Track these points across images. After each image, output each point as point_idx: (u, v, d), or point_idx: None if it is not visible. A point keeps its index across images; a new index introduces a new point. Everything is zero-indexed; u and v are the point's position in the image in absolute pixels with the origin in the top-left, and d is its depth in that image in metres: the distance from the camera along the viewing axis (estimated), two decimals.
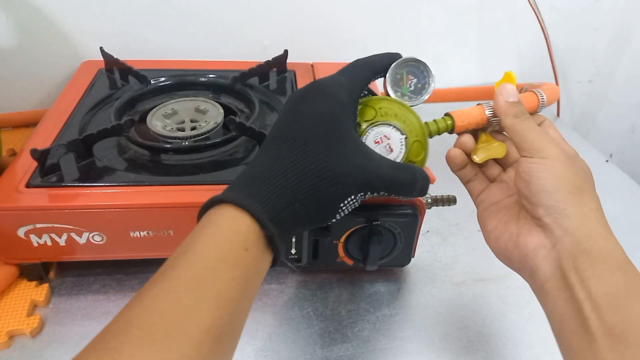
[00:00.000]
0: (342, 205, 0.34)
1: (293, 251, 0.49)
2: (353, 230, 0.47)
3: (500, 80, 0.42)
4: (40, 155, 0.45)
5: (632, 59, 0.96)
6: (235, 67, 0.66)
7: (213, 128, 0.54)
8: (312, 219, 0.34)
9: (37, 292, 0.48)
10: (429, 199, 0.50)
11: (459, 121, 0.40)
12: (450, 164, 0.42)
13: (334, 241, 0.48)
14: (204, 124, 0.55)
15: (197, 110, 0.57)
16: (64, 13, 0.69)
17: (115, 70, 0.66)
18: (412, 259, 0.51)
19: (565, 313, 0.32)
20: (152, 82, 0.63)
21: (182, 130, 0.54)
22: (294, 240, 0.48)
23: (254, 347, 0.46)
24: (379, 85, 0.43)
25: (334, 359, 0.45)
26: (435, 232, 0.60)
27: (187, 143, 0.52)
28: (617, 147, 1.08)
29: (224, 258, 0.29)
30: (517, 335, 0.48)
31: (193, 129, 0.54)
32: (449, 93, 0.87)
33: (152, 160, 0.51)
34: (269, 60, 0.66)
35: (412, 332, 0.48)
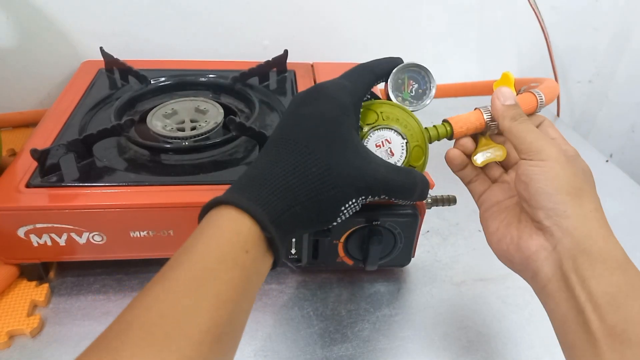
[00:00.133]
0: (343, 208, 0.34)
1: (293, 251, 0.49)
2: (353, 230, 0.47)
3: (498, 80, 0.42)
4: (40, 155, 0.45)
5: (632, 59, 0.96)
6: (235, 67, 0.66)
7: (213, 128, 0.54)
8: (313, 221, 0.34)
9: (37, 292, 0.48)
10: (429, 199, 0.50)
11: (457, 127, 0.40)
12: (450, 164, 0.42)
13: (334, 241, 0.48)
14: (204, 124, 0.55)
15: (197, 110, 0.57)
16: (64, 13, 0.69)
17: (115, 70, 0.66)
18: (412, 259, 0.51)
19: (566, 314, 0.32)
20: (152, 82, 0.63)
21: (182, 130, 0.54)
22: (294, 240, 0.48)
23: (253, 347, 0.46)
24: (376, 92, 0.43)
25: (334, 359, 0.45)
26: (435, 232, 0.60)
27: (187, 143, 0.52)
28: (617, 147, 1.09)
29: (224, 259, 0.29)
30: (517, 335, 0.48)
31: (193, 129, 0.54)
32: (448, 89, 0.87)
33: (152, 160, 0.51)
34: (269, 60, 0.66)
35: (412, 332, 0.48)
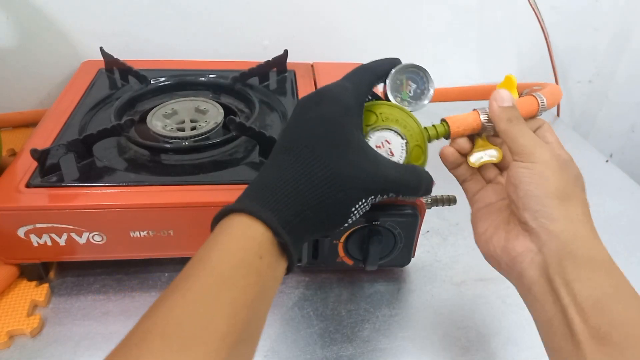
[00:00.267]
0: (353, 209, 0.35)
1: None
2: (353, 230, 0.47)
3: (500, 83, 0.42)
4: (40, 155, 0.45)
5: (632, 59, 0.96)
6: (235, 67, 0.66)
7: (213, 128, 0.54)
8: (324, 224, 0.34)
9: (37, 292, 0.48)
10: (429, 199, 0.50)
11: (454, 127, 0.41)
12: (444, 161, 0.43)
13: (334, 241, 0.48)
14: (204, 124, 0.55)
15: (197, 110, 0.57)
16: (64, 13, 0.69)
17: (115, 70, 0.66)
18: (412, 259, 0.51)
19: (551, 317, 0.33)
20: (152, 82, 0.63)
21: (182, 130, 0.54)
22: None
23: None
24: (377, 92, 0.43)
25: (334, 359, 0.45)
26: (435, 232, 0.60)
27: (187, 143, 0.52)
28: (617, 147, 1.08)
29: (238, 266, 0.29)
30: (517, 335, 0.48)
31: (193, 129, 0.54)
32: (449, 92, 0.87)
33: (152, 160, 0.51)
34: (269, 60, 0.66)
35: (412, 332, 0.48)
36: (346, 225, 0.35)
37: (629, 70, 0.97)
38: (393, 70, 0.41)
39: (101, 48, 0.65)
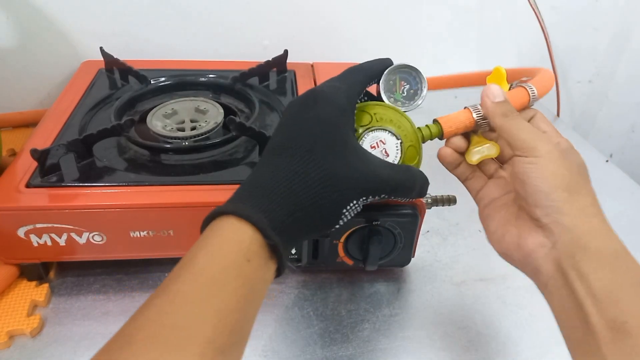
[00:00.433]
0: (345, 210, 0.34)
1: (293, 251, 0.49)
2: (353, 230, 0.47)
3: (490, 75, 0.42)
4: (40, 155, 0.45)
5: (632, 59, 0.96)
6: (235, 67, 0.66)
7: (213, 128, 0.54)
8: (316, 226, 0.34)
9: (37, 292, 0.48)
10: (429, 199, 0.50)
11: (447, 127, 0.41)
12: (443, 162, 0.43)
13: (334, 241, 0.48)
14: (204, 124, 0.55)
15: (197, 110, 0.57)
16: (64, 13, 0.69)
17: (115, 70, 0.66)
18: (412, 259, 0.51)
19: (568, 309, 0.33)
20: (152, 82, 0.63)
21: (182, 130, 0.54)
22: None
23: (253, 347, 0.46)
24: (372, 92, 0.43)
25: (334, 359, 0.45)
26: (435, 232, 0.60)
27: (187, 143, 0.52)
28: (617, 147, 1.09)
29: (225, 270, 0.29)
30: (517, 335, 0.48)
31: (193, 129, 0.54)
32: (447, 80, 0.87)
33: (152, 160, 0.51)
34: (269, 60, 0.66)
35: (412, 332, 0.48)
36: (337, 226, 0.35)
37: (629, 70, 0.97)
38: (386, 71, 0.41)
39: (101, 48, 0.65)
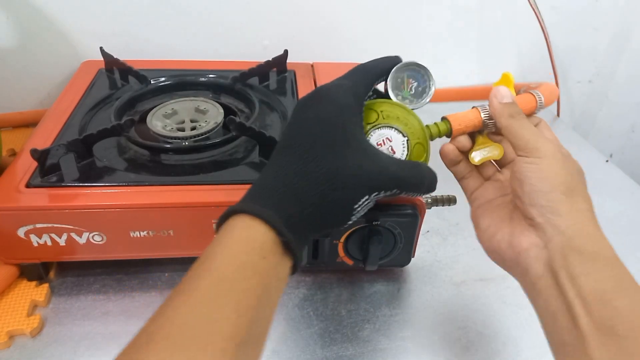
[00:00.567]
0: (356, 206, 0.35)
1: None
2: (353, 230, 0.47)
3: (497, 81, 0.42)
4: (40, 155, 0.45)
5: (632, 59, 0.96)
6: (235, 67, 0.66)
7: (213, 128, 0.54)
8: (327, 223, 0.34)
9: (37, 292, 0.48)
10: (429, 199, 0.50)
11: (456, 125, 0.41)
12: (444, 159, 0.43)
13: (334, 241, 0.48)
14: (204, 124, 0.55)
15: (197, 110, 0.57)
16: (64, 13, 0.69)
17: (115, 70, 0.66)
18: (412, 259, 0.51)
19: (555, 311, 0.33)
20: (152, 82, 0.63)
21: (182, 130, 0.54)
22: None
23: None
24: (380, 89, 0.43)
25: (334, 359, 0.45)
26: (435, 232, 0.60)
27: (187, 143, 0.52)
28: (617, 147, 1.08)
29: (241, 267, 0.29)
30: (517, 335, 0.48)
31: (193, 129, 0.54)
32: (448, 92, 0.87)
33: (152, 160, 0.51)
34: (269, 60, 0.66)
35: (412, 332, 0.48)
36: (350, 222, 0.35)
37: (629, 70, 0.97)
38: (394, 69, 0.41)
39: (101, 48, 0.65)
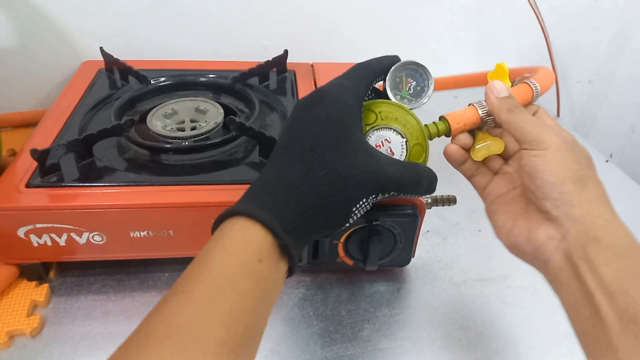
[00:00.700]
0: (354, 209, 0.34)
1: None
2: (353, 230, 0.47)
3: (492, 72, 0.42)
4: (40, 155, 0.45)
5: (632, 59, 0.96)
6: (235, 67, 0.66)
7: (213, 128, 0.54)
8: (326, 225, 0.34)
9: (37, 292, 0.48)
10: (429, 199, 0.50)
11: (454, 123, 0.41)
12: (449, 160, 0.42)
13: (334, 241, 0.48)
14: (204, 124, 0.55)
15: (197, 110, 0.57)
16: (64, 13, 0.69)
17: (115, 70, 0.66)
18: (412, 259, 0.51)
19: (578, 301, 0.33)
20: (152, 82, 0.63)
21: (182, 130, 0.54)
22: None
23: None
24: (378, 88, 0.43)
25: (334, 359, 0.45)
26: (435, 232, 0.60)
27: (187, 143, 0.52)
28: (617, 147, 1.08)
29: (237, 270, 0.29)
30: (517, 335, 0.48)
31: (193, 129, 0.54)
32: (447, 81, 0.87)
33: (152, 160, 0.51)
34: (269, 60, 0.66)
35: (412, 332, 0.48)
36: (347, 225, 0.35)
37: (629, 70, 0.97)
38: (392, 68, 0.41)
39: (101, 48, 0.65)
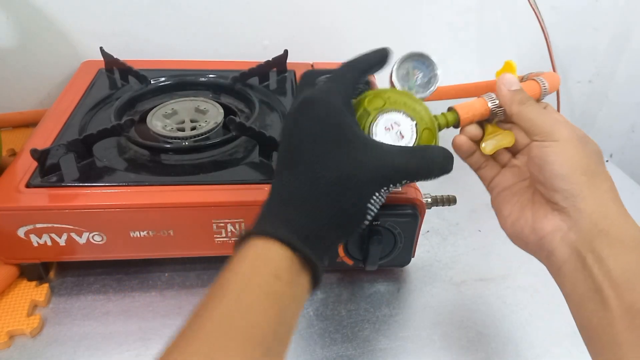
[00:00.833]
0: (369, 204, 0.34)
1: None
2: None
3: (500, 69, 0.42)
4: (40, 155, 0.45)
5: (632, 59, 0.96)
6: (235, 67, 0.66)
7: (213, 128, 0.54)
8: (344, 226, 0.33)
9: (37, 292, 0.48)
10: (429, 199, 0.50)
11: (463, 113, 0.40)
12: (458, 151, 0.42)
13: None
14: (204, 124, 0.55)
15: (197, 110, 0.57)
16: (64, 13, 0.69)
17: (115, 70, 0.66)
18: (412, 259, 0.51)
19: (584, 293, 0.33)
20: (152, 82, 0.63)
21: (182, 130, 0.54)
22: None
23: None
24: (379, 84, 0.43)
25: (334, 359, 0.45)
26: (435, 232, 0.60)
27: (187, 143, 0.52)
28: (617, 147, 1.08)
29: (254, 290, 0.29)
30: (517, 335, 0.49)
31: (193, 129, 0.54)
32: (448, 90, 0.87)
33: (152, 160, 0.51)
34: (269, 60, 0.66)
35: (412, 332, 0.48)
36: (366, 222, 0.35)
37: (629, 70, 0.97)
38: (398, 60, 0.41)
39: (101, 48, 0.65)
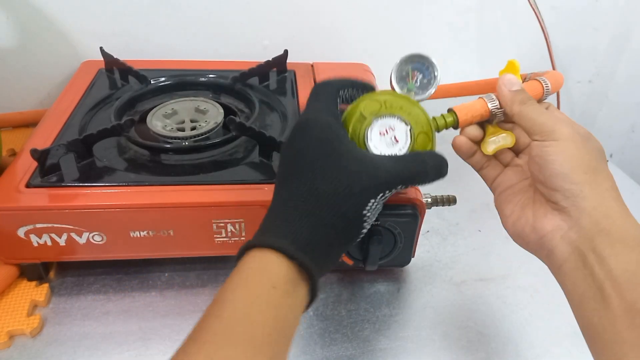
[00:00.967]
0: (366, 212, 0.34)
1: None
2: None
3: (503, 69, 0.42)
4: (40, 155, 0.45)
5: (632, 59, 0.96)
6: (235, 67, 0.66)
7: (213, 128, 0.54)
8: (343, 235, 0.34)
9: (37, 292, 0.48)
10: (429, 199, 0.50)
11: (462, 115, 0.40)
12: (458, 152, 0.42)
13: None
14: (204, 124, 0.55)
15: (197, 110, 0.57)
16: (64, 13, 0.69)
17: (115, 70, 0.66)
18: (412, 259, 0.51)
19: (584, 292, 0.33)
20: (152, 82, 0.63)
21: (182, 130, 0.54)
22: None
23: None
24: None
25: (334, 359, 0.45)
26: (435, 232, 0.60)
27: (187, 143, 0.52)
28: (617, 147, 1.08)
29: (252, 302, 0.29)
30: (517, 335, 0.49)
31: (193, 129, 0.54)
32: (449, 89, 0.87)
33: (152, 160, 0.51)
34: (269, 60, 0.66)
35: (412, 332, 0.48)
36: (364, 231, 0.35)
37: (629, 70, 0.97)
38: (398, 61, 0.41)
39: (101, 48, 0.65)
